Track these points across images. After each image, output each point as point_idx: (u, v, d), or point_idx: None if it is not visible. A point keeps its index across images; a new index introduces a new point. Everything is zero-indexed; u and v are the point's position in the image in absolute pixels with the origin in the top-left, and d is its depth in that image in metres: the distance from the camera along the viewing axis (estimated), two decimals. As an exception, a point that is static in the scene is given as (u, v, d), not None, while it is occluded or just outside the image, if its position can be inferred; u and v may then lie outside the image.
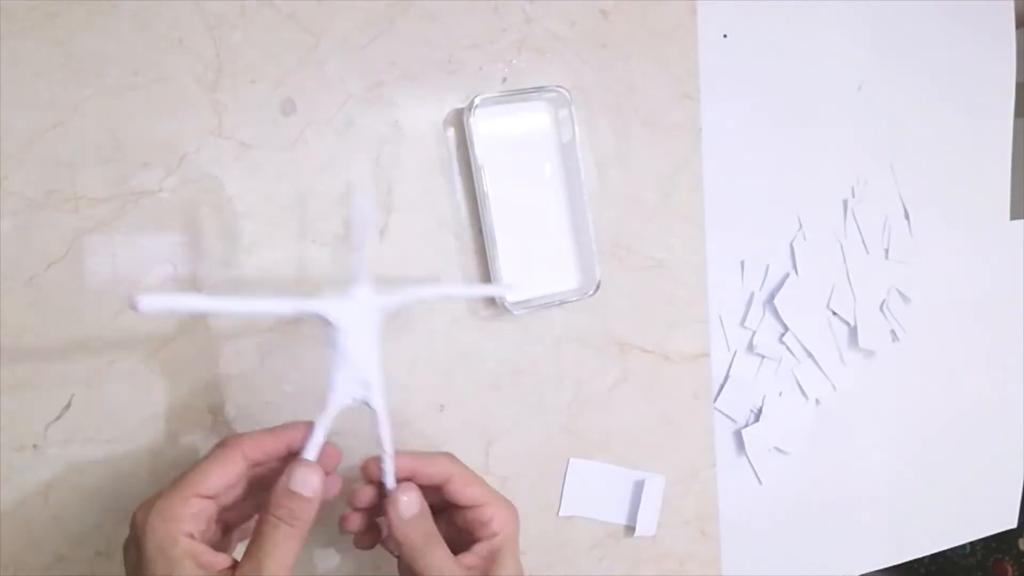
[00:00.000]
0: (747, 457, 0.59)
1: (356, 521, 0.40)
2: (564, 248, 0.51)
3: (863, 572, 0.63)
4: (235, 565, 0.33)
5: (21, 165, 0.41)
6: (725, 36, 0.58)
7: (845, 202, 0.62)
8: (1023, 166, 0.69)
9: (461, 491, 0.39)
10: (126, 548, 0.35)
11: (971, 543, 1.31)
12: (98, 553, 0.43)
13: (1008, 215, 0.68)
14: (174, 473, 0.44)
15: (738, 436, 0.60)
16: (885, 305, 0.63)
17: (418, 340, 0.48)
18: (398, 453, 0.38)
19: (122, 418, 0.43)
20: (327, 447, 0.37)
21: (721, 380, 0.59)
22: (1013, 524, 0.67)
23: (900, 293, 0.63)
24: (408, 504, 0.37)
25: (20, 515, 0.42)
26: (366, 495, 0.39)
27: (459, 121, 0.49)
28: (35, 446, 0.42)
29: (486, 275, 0.49)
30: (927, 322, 0.64)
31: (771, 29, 0.59)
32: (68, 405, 0.42)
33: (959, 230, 0.66)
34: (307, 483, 0.34)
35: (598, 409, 0.53)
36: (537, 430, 0.51)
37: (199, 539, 0.33)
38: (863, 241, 0.61)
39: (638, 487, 0.53)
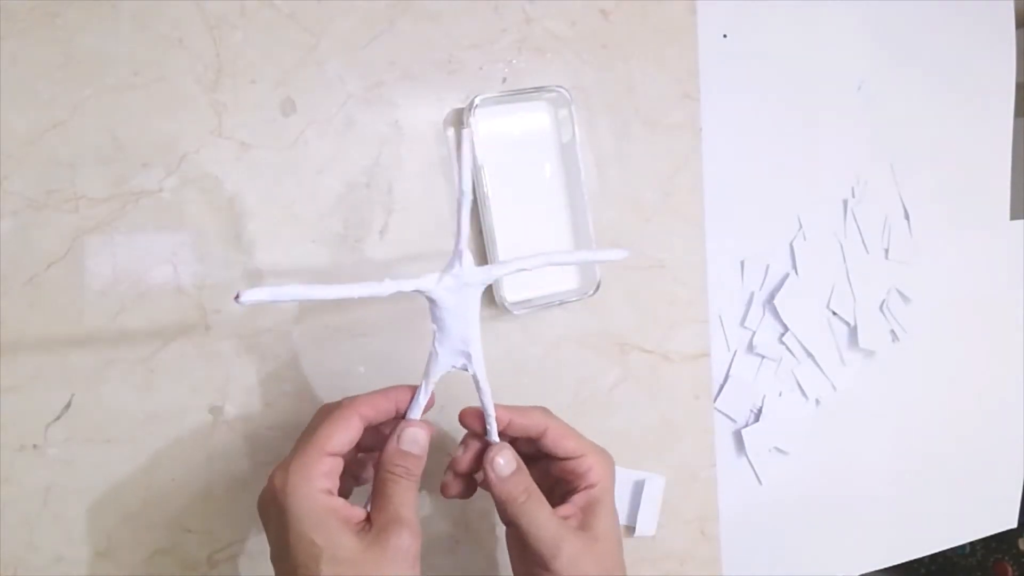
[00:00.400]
0: (747, 457, 0.59)
1: (456, 486, 0.41)
2: (564, 248, 0.51)
3: (863, 572, 0.63)
4: (368, 516, 0.36)
5: (21, 165, 0.41)
6: (725, 36, 0.58)
7: (845, 202, 0.62)
8: (1023, 166, 0.69)
9: (557, 443, 0.40)
10: (264, 509, 0.36)
11: (971, 543, 1.31)
12: (98, 553, 0.43)
13: (1008, 215, 0.68)
14: (174, 473, 0.44)
15: (738, 436, 0.60)
16: (885, 305, 0.63)
17: (419, 341, 0.48)
18: (495, 406, 0.40)
19: (122, 418, 0.43)
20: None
21: (721, 380, 0.59)
22: (1013, 524, 0.67)
23: (900, 293, 0.63)
24: (505, 464, 0.39)
25: (20, 515, 0.42)
26: (465, 462, 0.41)
27: (459, 121, 0.49)
28: (35, 446, 0.42)
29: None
30: (927, 322, 0.64)
31: (771, 29, 0.59)
32: (68, 405, 0.42)
33: (959, 230, 0.66)
34: (416, 442, 0.38)
35: (598, 409, 0.53)
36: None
37: (334, 494, 0.36)
38: (863, 241, 0.61)
39: (638, 487, 0.53)
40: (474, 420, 0.41)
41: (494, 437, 0.40)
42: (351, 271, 0.47)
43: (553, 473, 0.42)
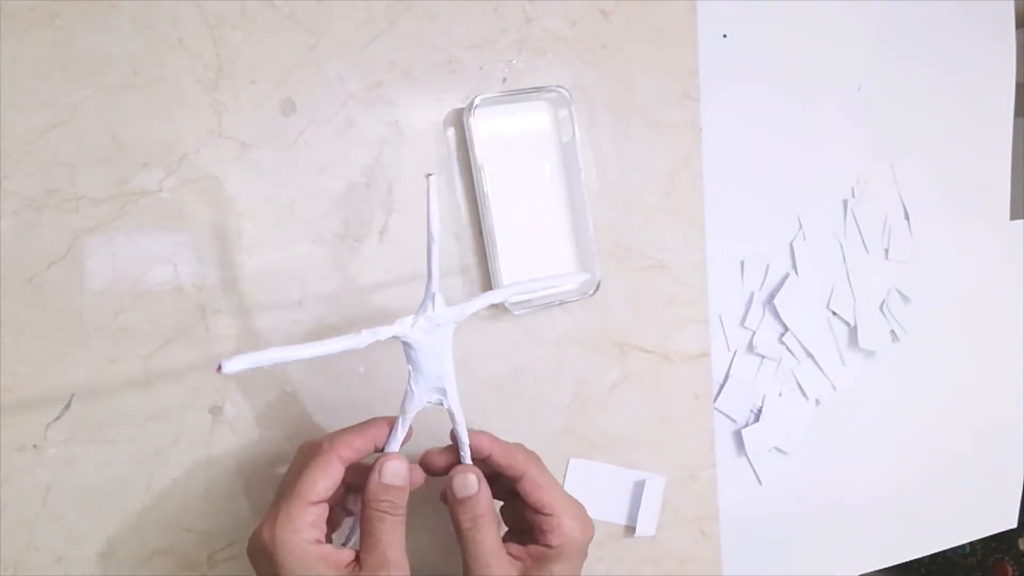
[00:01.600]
0: (747, 457, 0.59)
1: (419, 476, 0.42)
2: (564, 248, 0.51)
3: (863, 572, 0.63)
4: (356, 556, 0.37)
5: (21, 165, 0.41)
6: (725, 36, 0.58)
7: (845, 202, 0.62)
8: (1023, 166, 0.69)
9: (530, 493, 0.40)
10: (254, 558, 0.37)
11: (971, 543, 1.31)
12: (98, 553, 0.43)
13: (1008, 215, 0.68)
14: (174, 473, 0.44)
15: (738, 436, 0.60)
16: (885, 305, 0.63)
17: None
18: (482, 432, 0.41)
19: (122, 418, 0.43)
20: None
21: (721, 380, 0.59)
22: (1013, 524, 0.67)
23: (900, 293, 0.63)
24: (461, 488, 0.39)
25: (20, 515, 0.42)
26: (437, 464, 0.41)
27: (459, 121, 0.49)
28: (35, 446, 0.42)
29: (486, 275, 0.49)
30: (927, 322, 0.64)
31: (771, 29, 0.59)
32: (68, 405, 0.42)
33: (959, 230, 0.66)
34: (397, 474, 0.38)
35: (598, 409, 0.53)
36: (537, 430, 0.51)
37: (322, 541, 0.36)
38: (863, 241, 0.61)
39: (638, 487, 0.53)
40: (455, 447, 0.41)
41: (466, 461, 0.41)
42: (351, 271, 0.47)
43: (525, 516, 0.41)
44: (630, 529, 0.53)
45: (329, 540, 0.39)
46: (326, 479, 0.37)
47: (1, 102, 0.41)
